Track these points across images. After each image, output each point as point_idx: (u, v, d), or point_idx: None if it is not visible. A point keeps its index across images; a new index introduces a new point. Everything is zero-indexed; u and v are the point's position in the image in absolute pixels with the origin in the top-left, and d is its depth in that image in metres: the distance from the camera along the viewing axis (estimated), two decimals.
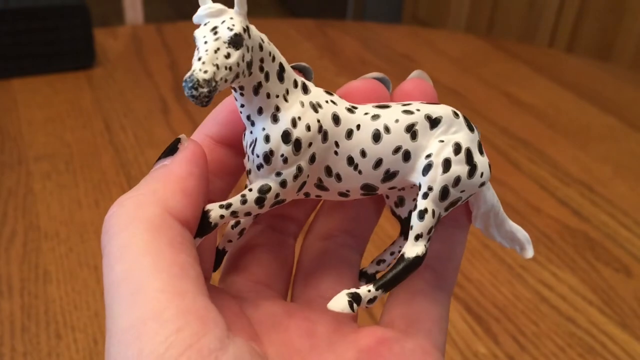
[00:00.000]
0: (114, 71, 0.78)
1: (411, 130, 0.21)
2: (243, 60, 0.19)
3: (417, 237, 0.21)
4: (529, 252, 0.25)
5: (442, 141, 0.21)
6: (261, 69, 0.20)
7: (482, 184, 0.22)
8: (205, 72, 0.17)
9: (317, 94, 0.21)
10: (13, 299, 0.44)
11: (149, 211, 0.19)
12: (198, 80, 0.17)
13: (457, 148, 0.21)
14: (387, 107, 0.22)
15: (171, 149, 0.21)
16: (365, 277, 0.25)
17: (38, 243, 0.49)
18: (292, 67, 0.22)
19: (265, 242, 0.25)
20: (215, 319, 0.17)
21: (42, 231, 0.51)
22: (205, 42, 0.18)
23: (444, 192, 0.21)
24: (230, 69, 0.18)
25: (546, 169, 0.64)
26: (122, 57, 0.82)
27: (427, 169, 0.21)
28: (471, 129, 0.22)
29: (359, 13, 2.28)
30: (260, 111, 0.20)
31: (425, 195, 0.21)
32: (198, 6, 0.19)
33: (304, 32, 0.93)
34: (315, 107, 0.21)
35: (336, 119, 0.21)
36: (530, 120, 0.73)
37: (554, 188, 0.60)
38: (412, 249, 0.21)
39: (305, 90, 0.21)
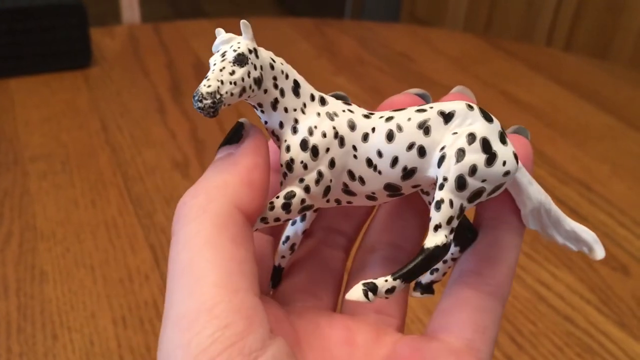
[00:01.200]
0: (110, 71, 0.78)
1: (424, 126, 0.21)
2: (249, 77, 0.20)
3: (436, 228, 0.21)
4: (598, 253, 0.23)
5: (456, 133, 0.21)
6: (275, 86, 0.22)
7: (507, 173, 0.21)
8: (209, 86, 0.20)
9: (334, 105, 0.23)
10: (9, 300, 0.44)
11: (219, 205, 0.19)
12: (202, 94, 0.19)
13: (472, 138, 0.21)
14: (402, 109, 0.22)
15: (234, 135, 0.22)
16: (420, 288, 0.25)
17: (34, 243, 0.49)
18: (330, 96, 0.23)
19: (314, 255, 0.26)
20: (261, 319, 0.18)
21: (38, 231, 0.50)
22: (214, 65, 0.20)
23: (460, 182, 0.21)
24: (235, 83, 0.20)
25: (544, 167, 0.63)
26: (119, 57, 0.82)
27: (441, 160, 0.21)
28: (489, 120, 0.22)
29: (357, 11, 2.28)
30: (281, 125, 0.22)
31: (441, 187, 0.21)
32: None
33: (302, 32, 0.93)
34: (332, 116, 0.22)
35: (352, 125, 0.22)
36: (528, 119, 0.73)
37: (552, 187, 0.60)
38: (432, 239, 0.21)
39: (323, 102, 0.22)
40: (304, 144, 0.22)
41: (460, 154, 0.21)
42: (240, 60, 0.20)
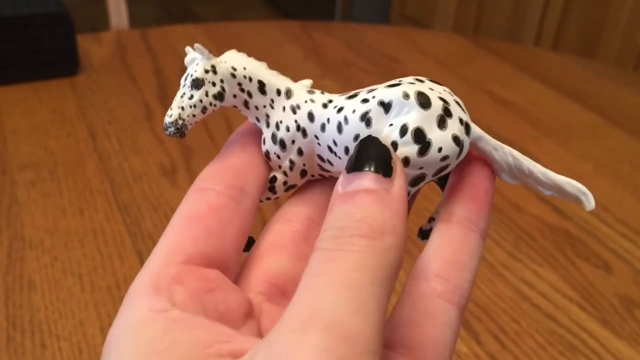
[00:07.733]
0: (98, 78, 0.78)
1: (365, 118, 0.22)
2: (207, 96, 0.24)
3: None
4: (586, 205, 0.24)
5: (392, 124, 0.22)
6: (242, 90, 0.24)
7: (445, 158, 0.21)
8: (170, 115, 0.23)
9: (298, 96, 0.25)
10: None
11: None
12: (166, 124, 0.23)
13: (404, 130, 0.21)
14: (354, 96, 0.23)
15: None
16: (421, 234, 0.25)
17: (22, 253, 0.50)
18: None
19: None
20: None
21: (26, 240, 0.51)
22: (178, 91, 0.24)
23: None
24: (195, 106, 0.23)
25: None
26: (106, 63, 0.82)
27: None
28: (426, 106, 0.21)
29: (347, 12, 2.28)
30: (257, 120, 0.25)
31: None
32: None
33: (289, 34, 0.94)
34: (295, 109, 0.24)
35: (311, 117, 0.24)
36: (512, 119, 0.74)
37: None
38: None
39: (288, 95, 0.25)
40: (273, 138, 0.25)
41: (394, 147, 0.21)
42: (196, 84, 0.23)
